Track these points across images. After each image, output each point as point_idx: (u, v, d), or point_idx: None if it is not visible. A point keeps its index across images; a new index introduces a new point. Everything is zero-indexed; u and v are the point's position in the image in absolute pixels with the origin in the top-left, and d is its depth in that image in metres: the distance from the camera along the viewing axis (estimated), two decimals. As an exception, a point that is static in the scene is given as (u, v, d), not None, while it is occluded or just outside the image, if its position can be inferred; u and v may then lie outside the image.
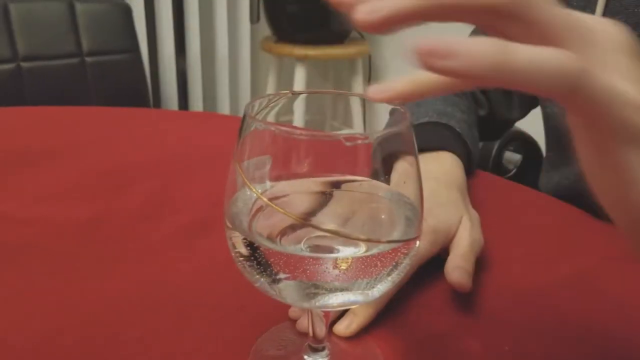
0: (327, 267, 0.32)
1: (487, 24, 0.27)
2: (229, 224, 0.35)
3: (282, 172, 0.35)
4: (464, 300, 0.50)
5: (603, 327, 0.48)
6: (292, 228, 0.35)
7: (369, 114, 2.42)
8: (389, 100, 0.28)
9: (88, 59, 1.51)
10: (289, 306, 0.47)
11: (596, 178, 0.31)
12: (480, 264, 0.54)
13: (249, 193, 0.35)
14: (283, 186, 0.37)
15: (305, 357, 0.42)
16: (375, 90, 0.27)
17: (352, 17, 0.26)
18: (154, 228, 0.61)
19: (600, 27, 0.29)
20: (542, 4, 0.26)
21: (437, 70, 0.23)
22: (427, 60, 0.23)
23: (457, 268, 0.49)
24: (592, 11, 0.60)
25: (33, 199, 0.67)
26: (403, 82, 0.28)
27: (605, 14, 0.59)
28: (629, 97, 0.27)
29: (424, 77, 0.29)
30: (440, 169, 0.62)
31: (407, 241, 0.34)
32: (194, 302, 0.49)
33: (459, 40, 0.23)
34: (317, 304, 0.34)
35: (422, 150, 0.65)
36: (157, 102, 2.30)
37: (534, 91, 0.25)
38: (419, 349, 0.45)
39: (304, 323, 0.45)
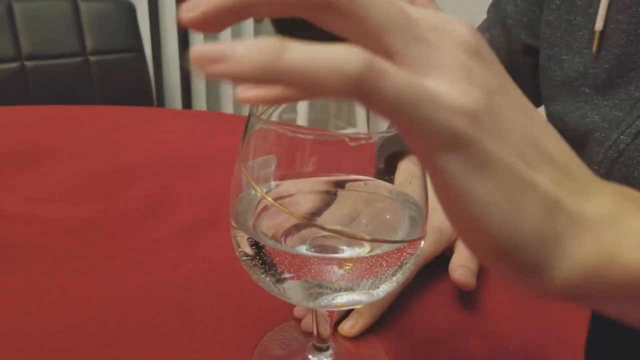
0: (331, 267, 0.32)
1: (306, 17, 0.25)
2: (233, 224, 0.35)
3: (287, 171, 0.35)
4: (469, 299, 0.50)
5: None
6: (297, 228, 0.35)
7: (373, 113, 2.42)
8: (254, 103, 0.25)
9: (92, 58, 1.51)
10: (293, 305, 0.47)
11: (433, 191, 0.27)
12: (485, 263, 0.54)
13: (253, 192, 0.35)
14: (288, 186, 0.37)
15: (310, 356, 0.42)
16: (243, 91, 0.24)
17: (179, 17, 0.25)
18: (156, 227, 0.61)
19: (440, 23, 0.25)
20: None
21: (212, 76, 0.22)
22: (201, 66, 0.22)
23: (461, 267, 0.49)
24: (596, 9, 0.60)
25: (35, 197, 0.67)
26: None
27: (608, 12, 0.59)
28: (445, 98, 0.23)
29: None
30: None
31: (412, 241, 0.34)
32: (197, 302, 0.49)
33: (233, 43, 0.22)
34: (321, 303, 0.34)
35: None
36: (161, 101, 2.30)
37: (317, 93, 0.22)
38: (423, 348, 0.45)
39: (308, 322, 0.45)
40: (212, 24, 0.24)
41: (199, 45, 0.22)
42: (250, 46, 0.21)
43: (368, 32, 0.24)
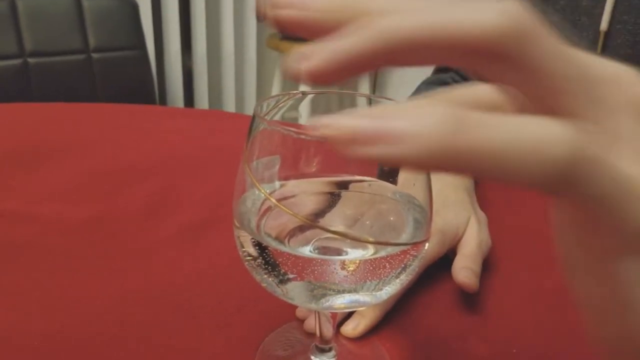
0: (335, 269, 0.32)
1: (469, 67, 0.19)
2: (237, 224, 0.35)
3: (291, 172, 0.35)
4: (472, 301, 0.50)
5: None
6: (301, 229, 0.35)
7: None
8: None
9: (95, 56, 1.51)
10: (295, 306, 0.47)
11: (584, 291, 0.23)
12: (488, 264, 0.54)
13: (257, 193, 0.35)
14: (291, 186, 0.36)
15: (312, 357, 0.42)
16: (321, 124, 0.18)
17: (290, 69, 0.19)
18: (157, 227, 0.61)
19: (610, 73, 0.20)
20: (540, 41, 0.18)
21: (363, 159, 0.17)
22: (345, 146, 0.16)
23: (465, 269, 0.49)
24: (601, 10, 0.59)
25: (37, 196, 0.67)
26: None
27: (614, 13, 0.59)
28: None
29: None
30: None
31: (416, 243, 0.34)
32: (198, 302, 0.49)
33: (390, 114, 0.16)
34: (324, 305, 0.34)
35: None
36: (163, 99, 2.30)
37: (509, 183, 0.17)
38: (426, 350, 0.44)
39: (311, 323, 0.45)
40: (334, 78, 0.19)
41: (338, 116, 0.17)
42: (419, 121, 0.16)
43: (543, 88, 0.19)
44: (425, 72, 0.91)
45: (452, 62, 0.19)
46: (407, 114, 0.16)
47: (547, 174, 0.17)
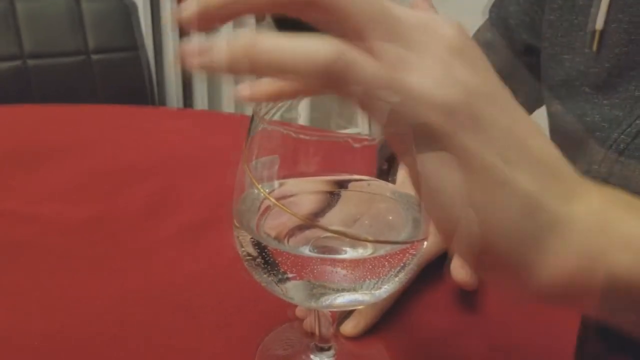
0: (334, 268, 0.32)
1: (290, 14, 0.26)
2: (236, 223, 0.35)
3: (290, 171, 0.35)
4: (470, 299, 0.50)
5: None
6: (300, 228, 0.35)
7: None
8: (255, 100, 0.28)
9: (94, 57, 1.51)
10: (295, 306, 0.47)
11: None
12: (486, 263, 0.54)
13: (256, 192, 0.35)
14: (290, 186, 0.37)
15: (312, 356, 0.42)
16: (243, 89, 0.27)
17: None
18: (156, 227, 0.61)
19: (425, 22, 0.26)
20: None
21: (194, 68, 0.24)
22: (186, 59, 0.24)
23: (463, 266, 0.49)
24: (597, 9, 0.60)
25: (36, 196, 0.67)
26: (268, 83, 0.28)
27: (609, 11, 0.59)
28: (421, 92, 0.24)
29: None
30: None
31: (415, 242, 0.34)
32: (198, 302, 0.49)
33: (215, 39, 0.24)
34: (323, 304, 0.34)
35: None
36: (162, 100, 2.29)
37: (290, 78, 0.25)
38: (425, 348, 0.45)
39: (310, 323, 0.45)
40: (203, 23, 0.26)
41: (188, 41, 0.24)
42: (227, 39, 0.24)
43: (350, 28, 0.25)
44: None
45: (278, 10, 0.26)
46: (227, 38, 0.24)
47: (316, 71, 0.23)
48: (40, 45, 1.45)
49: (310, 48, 0.23)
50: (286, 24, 0.29)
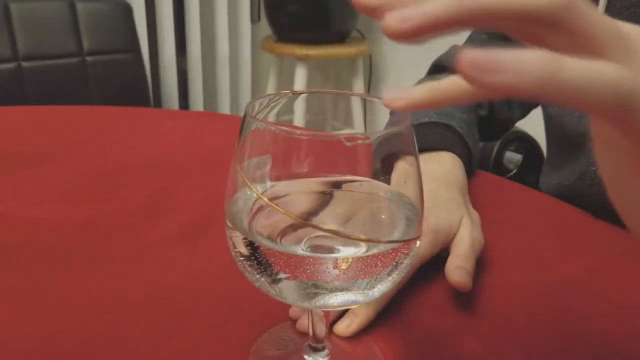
0: (327, 267, 0.32)
1: (524, 32, 0.25)
2: (229, 224, 0.35)
3: (283, 171, 0.35)
4: (465, 300, 0.50)
5: (603, 328, 0.48)
6: (293, 228, 0.35)
7: (369, 114, 2.42)
8: (405, 109, 0.26)
9: (89, 59, 1.51)
10: (289, 306, 0.47)
11: (628, 199, 0.30)
12: (481, 264, 0.54)
13: (249, 193, 0.35)
14: (283, 186, 0.37)
15: (306, 357, 0.42)
16: (392, 97, 0.26)
17: (382, 24, 0.24)
18: (153, 228, 0.61)
19: (636, 32, 0.27)
20: (586, 11, 0.24)
21: (482, 85, 0.21)
22: (472, 73, 0.21)
23: (458, 268, 0.49)
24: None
25: (32, 198, 0.67)
26: (421, 90, 0.27)
27: (606, 14, 0.59)
28: None
29: (443, 86, 0.28)
30: (441, 169, 0.62)
31: (408, 241, 0.34)
32: (194, 302, 0.49)
33: (506, 53, 0.21)
34: (317, 303, 0.34)
35: (423, 150, 0.65)
36: (158, 102, 2.30)
37: (583, 108, 0.23)
38: (419, 348, 0.45)
39: (304, 323, 0.45)
40: (421, 36, 0.24)
41: (469, 51, 0.21)
42: (527, 58, 0.21)
43: (589, 49, 0.25)
44: (419, 74, 0.92)
45: (514, 28, 0.25)
46: (516, 54, 0.21)
47: (614, 100, 0.23)
48: (35, 47, 1.45)
49: (612, 74, 0.23)
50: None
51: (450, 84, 0.27)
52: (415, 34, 0.23)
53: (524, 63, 0.21)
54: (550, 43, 0.25)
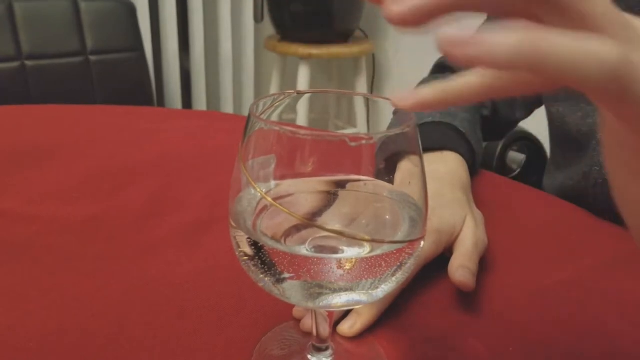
0: (331, 268, 0.32)
1: (522, 13, 0.25)
2: (233, 224, 0.35)
3: (287, 171, 0.35)
4: (468, 300, 0.50)
5: (608, 329, 0.48)
6: (297, 228, 0.35)
7: (372, 114, 2.42)
8: (413, 109, 0.26)
9: (92, 58, 1.51)
10: (292, 306, 0.47)
11: (628, 191, 0.29)
12: (484, 263, 0.54)
13: (253, 192, 0.35)
14: (287, 186, 0.37)
15: (309, 356, 0.42)
16: (400, 96, 0.26)
17: (383, 11, 0.24)
18: (156, 227, 0.61)
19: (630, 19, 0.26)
20: None
21: (459, 59, 0.22)
22: (448, 48, 0.22)
23: (461, 268, 0.49)
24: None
25: (36, 196, 0.67)
26: (429, 90, 0.27)
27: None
28: None
29: (451, 86, 0.27)
30: (445, 169, 0.62)
31: (412, 241, 0.34)
32: (197, 302, 0.49)
33: (486, 31, 0.21)
34: (321, 304, 0.34)
35: (426, 150, 0.65)
36: (161, 101, 2.30)
37: (568, 83, 0.23)
38: (422, 349, 0.45)
39: (307, 323, 0.45)
40: (420, 20, 0.24)
41: (447, 30, 0.22)
42: (509, 31, 0.21)
43: (586, 29, 0.24)
44: (422, 73, 0.92)
45: (512, 7, 0.25)
46: (493, 29, 0.21)
47: (601, 73, 0.21)
48: (39, 46, 1.45)
49: (594, 47, 0.22)
50: None
51: (457, 83, 0.27)
52: (417, 19, 0.23)
53: (501, 36, 0.21)
54: (548, 23, 0.25)
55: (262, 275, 0.34)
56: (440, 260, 0.51)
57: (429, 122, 0.70)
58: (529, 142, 1.44)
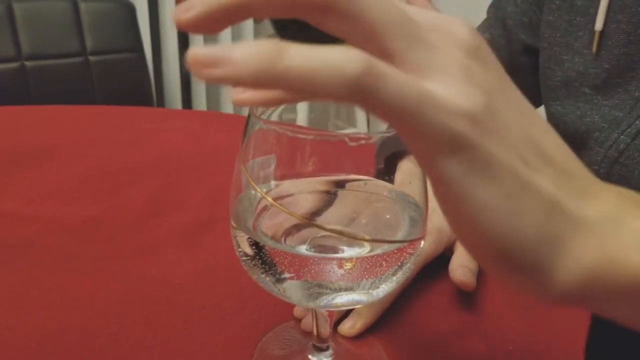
0: (331, 267, 0.32)
1: (304, 18, 0.24)
2: (233, 224, 0.35)
3: (287, 171, 0.35)
4: (469, 299, 0.50)
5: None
6: (297, 228, 0.35)
7: (373, 116, 2.42)
8: (251, 105, 0.24)
9: (92, 58, 1.51)
10: (293, 305, 0.47)
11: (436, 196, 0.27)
12: (485, 263, 0.54)
13: (253, 192, 0.35)
14: (287, 186, 0.37)
15: (310, 356, 0.42)
16: (237, 93, 0.24)
17: (177, 24, 0.24)
18: (156, 227, 0.61)
19: (440, 24, 0.25)
20: None
21: (208, 80, 0.21)
22: (197, 69, 0.21)
23: (462, 267, 0.49)
24: (596, 10, 0.60)
25: (36, 197, 0.67)
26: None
27: (608, 12, 0.59)
28: (445, 101, 0.23)
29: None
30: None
31: (412, 241, 0.34)
32: (197, 301, 0.49)
33: (230, 46, 0.21)
34: (321, 303, 0.34)
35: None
36: (161, 101, 2.30)
37: (316, 96, 0.22)
38: (423, 348, 0.45)
39: (308, 322, 0.45)
40: (207, 25, 0.24)
41: (195, 47, 0.21)
42: (248, 49, 0.21)
43: (367, 33, 0.23)
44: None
45: (292, 14, 0.24)
46: (242, 46, 0.21)
47: (345, 87, 0.21)
48: (38, 46, 1.45)
49: (337, 61, 0.21)
50: (284, 25, 0.29)
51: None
52: (202, 23, 0.23)
53: (245, 54, 0.21)
54: (331, 29, 0.24)
55: (262, 275, 0.34)
56: (440, 260, 0.51)
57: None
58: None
